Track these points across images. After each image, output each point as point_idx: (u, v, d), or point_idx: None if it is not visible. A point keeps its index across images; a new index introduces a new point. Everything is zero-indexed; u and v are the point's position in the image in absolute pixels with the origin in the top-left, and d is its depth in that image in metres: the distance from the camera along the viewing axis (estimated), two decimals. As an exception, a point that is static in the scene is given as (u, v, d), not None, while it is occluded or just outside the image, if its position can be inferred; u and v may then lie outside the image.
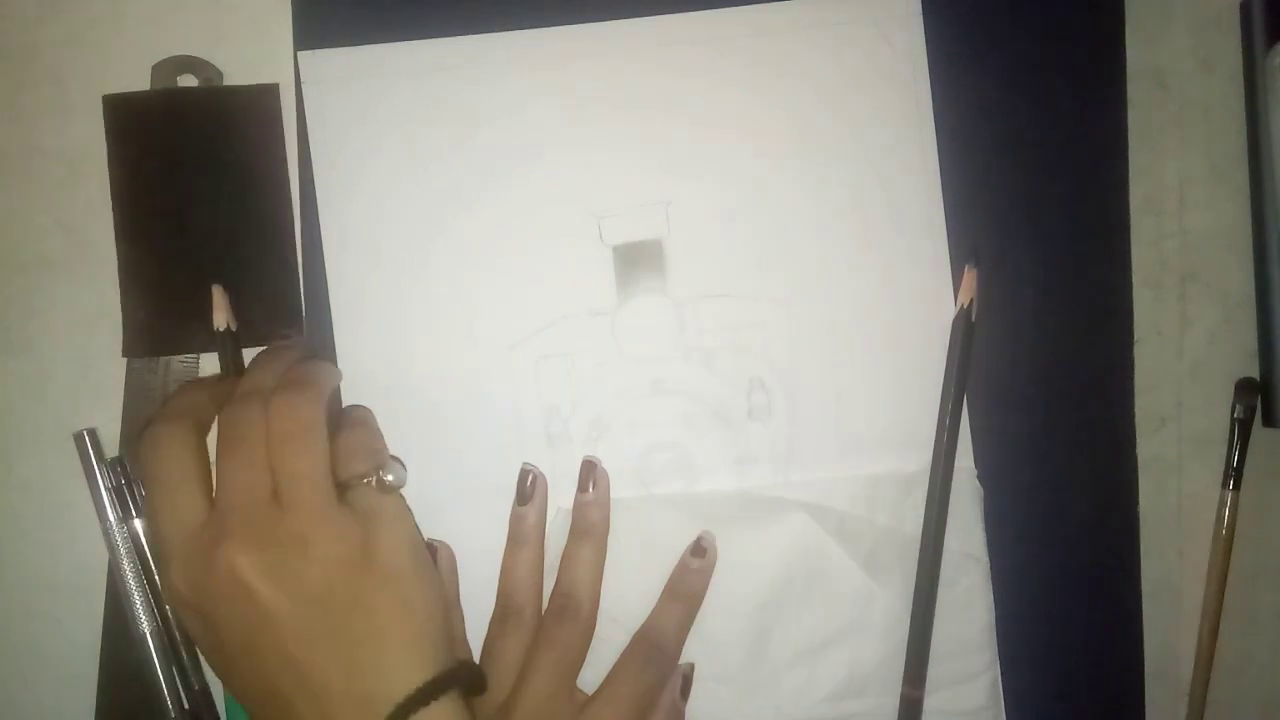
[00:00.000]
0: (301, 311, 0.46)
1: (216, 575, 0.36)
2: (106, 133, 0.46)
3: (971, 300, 0.44)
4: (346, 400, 0.45)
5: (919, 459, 0.45)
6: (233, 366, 0.44)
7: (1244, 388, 0.46)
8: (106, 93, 0.46)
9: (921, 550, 0.44)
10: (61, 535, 0.46)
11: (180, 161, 0.46)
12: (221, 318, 0.45)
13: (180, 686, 0.45)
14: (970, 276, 0.44)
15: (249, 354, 0.45)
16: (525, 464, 0.45)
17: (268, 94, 0.46)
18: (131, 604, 0.45)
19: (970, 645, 0.45)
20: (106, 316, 0.46)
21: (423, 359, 0.46)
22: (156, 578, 0.45)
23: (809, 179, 0.46)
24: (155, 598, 0.45)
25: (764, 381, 0.45)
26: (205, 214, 0.46)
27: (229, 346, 0.45)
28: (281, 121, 0.46)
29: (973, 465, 0.45)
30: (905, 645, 0.44)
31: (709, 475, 0.45)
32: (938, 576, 0.44)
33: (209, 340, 0.45)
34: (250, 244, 0.46)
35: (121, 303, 0.46)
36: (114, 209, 0.46)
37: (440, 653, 0.38)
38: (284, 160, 0.46)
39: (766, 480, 0.45)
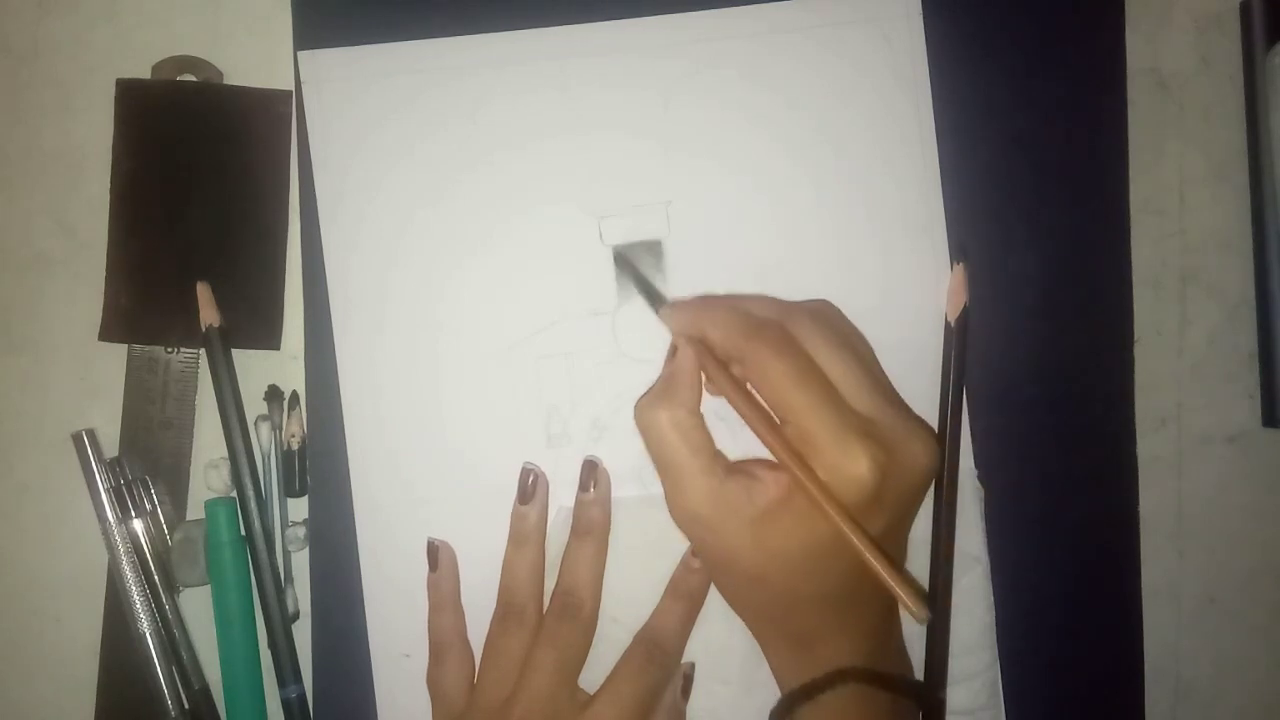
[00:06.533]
0: (281, 322, 0.46)
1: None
2: (115, 116, 0.46)
3: (964, 299, 0.44)
4: (345, 400, 0.45)
5: (919, 459, 0.45)
6: (221, 365, 0.44)
7: None
8: (108, 91, 0.46)
9: (933, 553, 0.44)
10: (61, 535, 0.46)
11: (183, 155, 0.46)
12: (210, 315, 0.45)
13: (180, 686, 0.45)
14: (959, 273, 0.44)
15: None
16: (527, 463, 0.45)
17: (279, 100, 0.46)
18: (131, 604, 0.45)
19: (970, 645, 0.45)
20: (106, 316, 0.46)
21: (423, 359, 0.46)
22: (174, 573, 0.45)
23: (809, 179, 0.46)
24: (155, 598, 0.45)
25: (764, 381, 0.45)
26: (201, 209, 0.46)
27: (217, 344, 0.45)
28: (290, 129, 0.46)
29: (973, 465, 0.45)
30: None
31: (709, 475, 0.45)
32: (950, 578, 0.43)
33: (186, 335, 0.45)
34: (241, 246, 0.46)
35: (105, 287, 0.46)
36: (111, 193, 0.46)
37: None
38: (287, 168, 0.46)
39: (767, 480, 0.45)
